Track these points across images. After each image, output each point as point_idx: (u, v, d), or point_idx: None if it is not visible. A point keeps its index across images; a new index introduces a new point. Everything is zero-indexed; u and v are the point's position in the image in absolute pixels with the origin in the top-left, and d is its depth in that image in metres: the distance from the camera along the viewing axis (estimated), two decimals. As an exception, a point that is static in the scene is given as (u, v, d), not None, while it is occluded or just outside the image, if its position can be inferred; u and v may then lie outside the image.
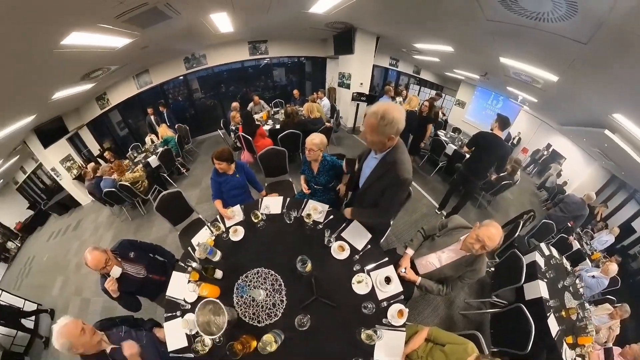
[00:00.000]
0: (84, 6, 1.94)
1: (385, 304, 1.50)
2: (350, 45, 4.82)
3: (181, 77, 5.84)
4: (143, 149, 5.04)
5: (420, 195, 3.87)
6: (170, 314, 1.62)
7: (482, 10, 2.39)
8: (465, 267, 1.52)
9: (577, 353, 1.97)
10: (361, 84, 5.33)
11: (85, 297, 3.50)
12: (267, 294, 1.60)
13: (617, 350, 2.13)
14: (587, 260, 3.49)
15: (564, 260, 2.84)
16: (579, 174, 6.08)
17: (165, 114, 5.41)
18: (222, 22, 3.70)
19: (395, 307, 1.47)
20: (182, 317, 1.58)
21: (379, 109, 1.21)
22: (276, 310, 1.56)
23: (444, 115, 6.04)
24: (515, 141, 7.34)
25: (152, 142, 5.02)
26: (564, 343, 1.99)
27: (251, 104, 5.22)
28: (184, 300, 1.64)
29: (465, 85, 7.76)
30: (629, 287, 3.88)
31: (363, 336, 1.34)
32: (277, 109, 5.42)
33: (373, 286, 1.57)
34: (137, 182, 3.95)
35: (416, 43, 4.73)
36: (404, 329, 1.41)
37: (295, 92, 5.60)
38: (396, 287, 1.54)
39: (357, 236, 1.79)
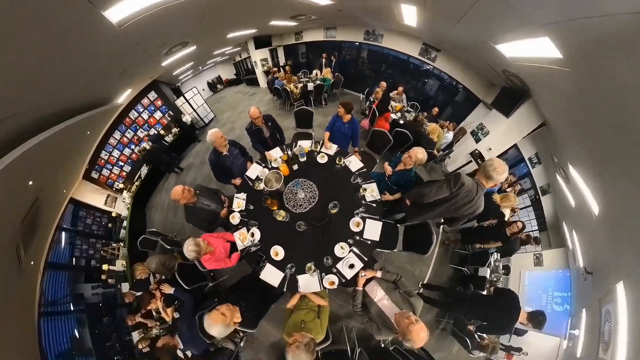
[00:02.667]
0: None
1: (334, 270, 1.77)
2: (510, 108, 3.69)
3: (357, 43, 6.32)
4: (308, 77, 6.14)
5: (429, 263, 3.26)
6: (260, 161, 2.44)
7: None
8: (379, 322, 1.55)
9: None
10: (490, 149, 4.21)
11: (234, 127, 6.01)
12: (303, 198, 2.12)
13: None
14: None
15: None
16: None
17: (333, 63, 6.24)
18: (409, 15, 3.45)
19: (334, 278, 1.75)
20: (263, 168, 2.35)
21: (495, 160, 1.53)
22: (298, 207, 2.09)
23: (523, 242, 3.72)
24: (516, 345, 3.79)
25: (316, 75, 6.01)
26: None
27: (395, 92, 5.26)
28: (271, 162, 2.37)
29: (562, 254, 4.29)
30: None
31: (308, 264, 1.79)
32: (411, 110, 5.22)
33: (343, 258, 1.81)
34: (293, 92, 5.08)
35: (573, 164, 3.03)
36: (321, 289, 1.74)
37: (435, 109, 5.14)
38: (349, 274, 1.74)
39: (372, 231, 1.90)
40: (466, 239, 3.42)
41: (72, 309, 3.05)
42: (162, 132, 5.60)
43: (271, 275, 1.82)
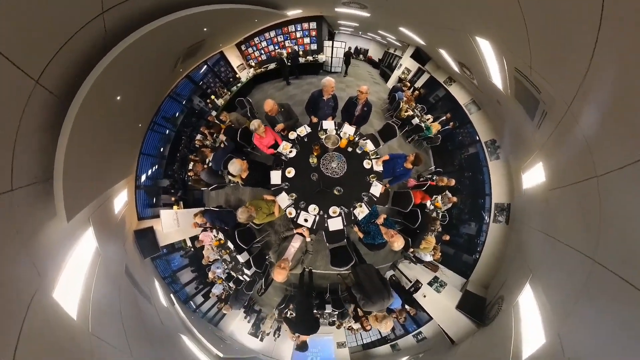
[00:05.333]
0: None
1: (298, 210, 2.38)
2: (462, 307, 3.32)
3: (477, 137, 5.18)
4: (422, 114, 5.59)
5: (326, 270, 3.70)
6: (336, 123, 2.82)
7: None
8: (279, 250, 2.21)
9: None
10: (425, 296, 3.88)
11: (344, 90, 5.82)
12: (332, 167, 2.57)
13: None
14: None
15: None
16: None
17: (447, 126, 5.42)
18: (533, 176, 2.66)
19: (293, 212, 2.38)
20: (334, 128, 2.76)
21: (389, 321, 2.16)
22: (324, 168, 2.58)
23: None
24: None
25: (427, 120, 5.45)
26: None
27: (450, 196, 4.34)
28: (341, 131, 2.76)
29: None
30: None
31: (293, 193, 2.42)
32: (440, 216, 4.33)
33: (308, 212, 2.36)
34: (401, 111, 5.12)
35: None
36: (283, 209, 2.38)
37: (448, 237, 4.24)
38: (300, 221, 2.34)
39: (334, 224, 2.34)
40: (351, 292, 3.50)
41: (183, 102, 4.73)
42: (300, 52, 6.32)
43: (275, 177, 2.48)
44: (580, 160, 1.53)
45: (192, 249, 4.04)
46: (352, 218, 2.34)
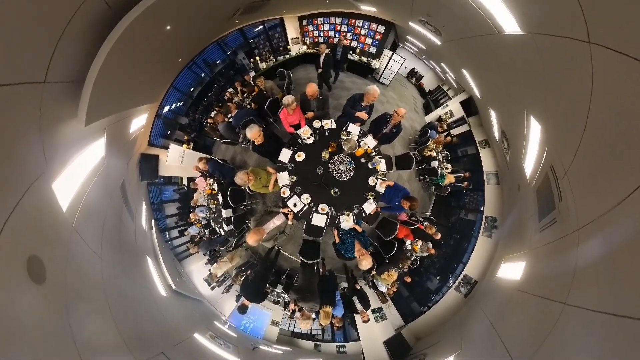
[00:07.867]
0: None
1: (292, 194, 2.45)
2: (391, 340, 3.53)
3: (482, 208, 4.90)
4: (443, 161, 5.08)
5: (292, 257, 3.88)
6: (362, 132, 2.76)
7: None
8: (259, 221, 2.42)
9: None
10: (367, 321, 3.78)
11: (383, 104, 5.18)
12: (340, 169, 2.58)
13: None
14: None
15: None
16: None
17: (461, 184, 5.14)
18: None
19: (287, 192, 2.45)
20: (357, 134, 2.71)
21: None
22: (332, 166, 2.59)
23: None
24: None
25: (447, 169, 5.11)
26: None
27: (429, 249, 4.17)
28: (362, 141, 2.70)
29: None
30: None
31: (293, 176, 2.49)
32: (413, 260, 4.33)
33: (301, 200, 2.42)
34: (426, 149, 4.80)
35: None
36: (279, 186, 2.47)
37: (409, 279, 4.10)
38: (290, 204, 2.42)
39: (318, 221, 2.40)
40: (289, 289, 3.66)
41: (228, 53, 4.74)
42: (358, 50, 6.03)
43: (284, 155, 2.54)
44: (559, 281, 1.48)
45: (186, 188, 4.20)
46: (336, 222, 2.39)
